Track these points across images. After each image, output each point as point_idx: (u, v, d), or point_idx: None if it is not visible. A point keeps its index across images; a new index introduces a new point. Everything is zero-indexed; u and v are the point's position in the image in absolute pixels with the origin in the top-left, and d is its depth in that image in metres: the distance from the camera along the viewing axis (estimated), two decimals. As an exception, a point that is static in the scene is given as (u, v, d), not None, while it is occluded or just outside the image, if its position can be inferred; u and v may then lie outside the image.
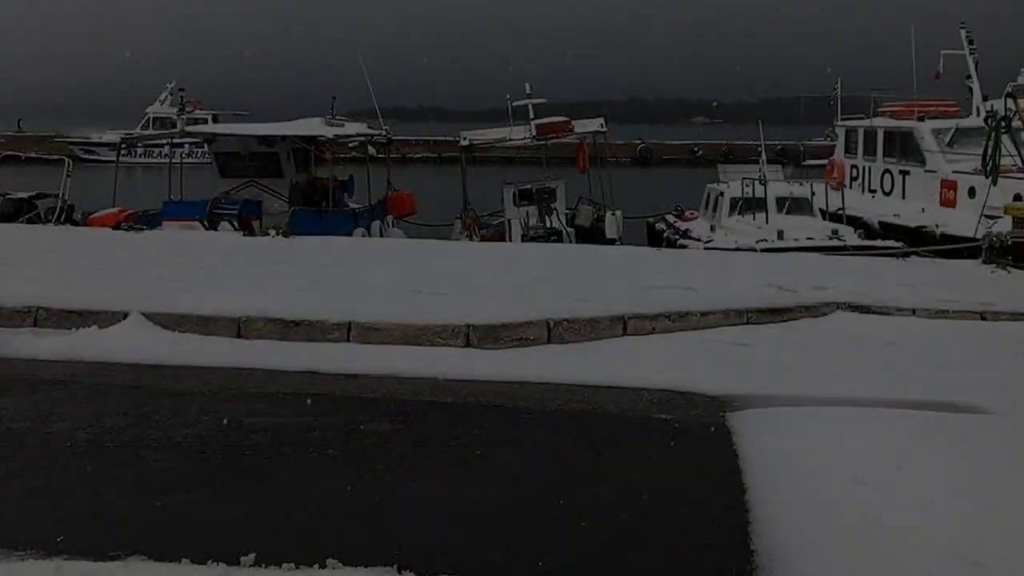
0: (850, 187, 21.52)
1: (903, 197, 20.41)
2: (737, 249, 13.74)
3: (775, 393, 5.51)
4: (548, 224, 18.45)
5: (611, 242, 17.39)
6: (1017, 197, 14.47)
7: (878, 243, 15.11)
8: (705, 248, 15.04)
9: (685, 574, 3.45)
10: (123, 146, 21.93)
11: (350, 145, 21.25)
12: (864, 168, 22.53)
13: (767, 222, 16.11)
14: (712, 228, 17.43)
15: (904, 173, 20.65)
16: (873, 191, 21.87)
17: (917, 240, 16.21)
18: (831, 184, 18.97)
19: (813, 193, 17.69)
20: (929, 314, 7.64)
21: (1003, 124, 14.32)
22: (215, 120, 46.87)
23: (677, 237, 17.95)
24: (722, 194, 17.96)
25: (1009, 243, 10.25)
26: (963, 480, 4.09)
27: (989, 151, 14.29)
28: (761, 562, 3.45)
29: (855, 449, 4.44)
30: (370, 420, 5.08)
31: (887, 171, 21.40)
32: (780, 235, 14.99)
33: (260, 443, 4.70)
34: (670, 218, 20.16)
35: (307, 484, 4.18)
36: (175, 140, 22.00)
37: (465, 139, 20.14)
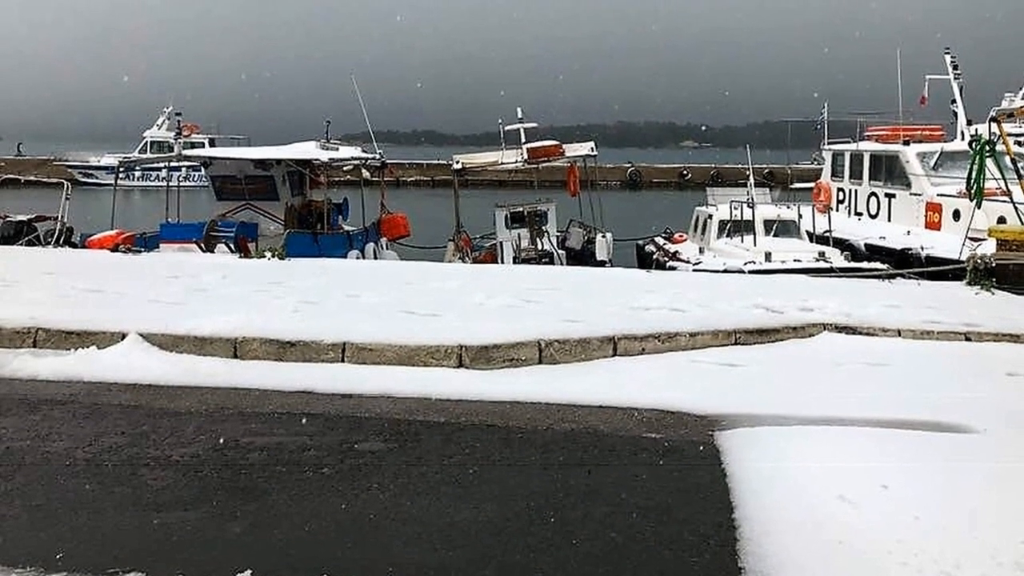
0: (836, 210, 21.73)
1: (889, 220, 20.62)
2: (725, 271, 13.86)
3: (763, 412, 5.56)
4: (539, 246, 18.58)
5: (601, 264, 17.50)
6: (1001, 220, 14.66)
7: (864, 265, 15.26)
8: (694, 270, 15.16)
9: (674, 589, 3.51)
10: (121, 169, 22.00)
11: (345, 168, 21.41)
12: (850, 191, 22.77)
13: (755, 244, 16.24)
14: (701, 250, 17.57)
15: (890, 196, 20.88)
16: (859, 214, 22.08)
17: (902, 262, 16.37)
18: (818, 207, 19.18)
19: (800, 216, 17.86)
20: (914, 335, 7.70)
21: (987, 148, 14.53)
22: (212, 144, 47.20)
23: (666, 259, 18.06)
24: (711, 217, 18.13)
25: (993, 265, 10.38)
26: (948, 498, 4.13)
27: (973, 174, 14.48)
28: (749, 578, 3.52)
29: (842, 468, 4.49)
30: (364, 439, 5.13)
31: (873, 194, 21.63)
32: (768, 257, 15.12)
33: (256, 462, 4.75)
34: (660, 240, 20.31)
35: (302, 502, 4.23)
36: (172, 164, 22.12)
37: (458, 162, 20.30)
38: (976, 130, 18.30)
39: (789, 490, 4.25)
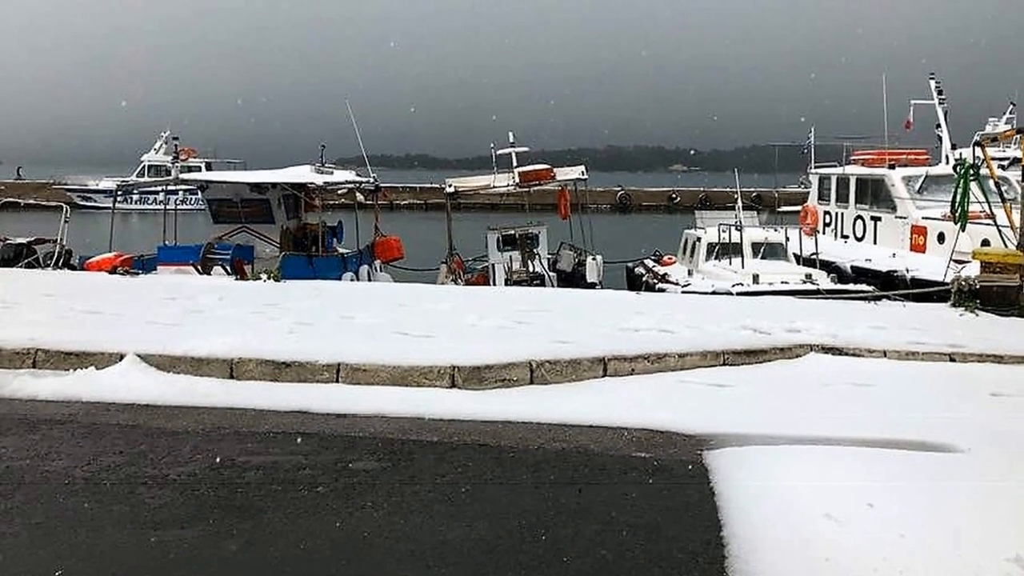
0: (823, 233, 21.95)
1: (874, 242, 20.81)
2: (714, 293, 13.99)
3: (751, 432, 5.63)
4: (531, 268, 18.71)
5: (592, 286, 17.62)
6: (985, 242, 14.86)
7: (850, 287, 15.42)
8: (683, 292, 15.30)
9: (663, 605, 3.57)
10: (119, 193, 22.12)
11: (339, 192, 21.51)
12: (837, 214, 23.00)
13: (743, 267, 16.38)
14: (690, 272, 17.71)
15: (875, 219, 21.11)
16: (845, 237, 22.29)
17: (888, 284, 16.53)
18: (805, 230, 19.36)
19: (787, 238, 18.04)
20: (899, 356, 7.78)
21: (971, 172, 14.75)
22: (208, 168, 47.43)
23: (656, 281, 18.19)
24: (699, 239, 18.29)
25: (977, 287, 10.54)
26: (933, 516, 4.18)
27: (958, 198, 14.68)
28: (736, 595, 3.58)
29: (828, 486, 4.55)
30: (359, 458, 5.18)
31: (859, 217, 21.87)
32: (755, 279, 15.25)
33: (252, 481, 4.80)
34: (649, 263, 20.46)
35: (297, 520, 4.27)
36: (170, 187, 22.25)
37: (450, 186, 20.45)
38: (960, 154, 18.56)
39: (776, 508, 4.30)
